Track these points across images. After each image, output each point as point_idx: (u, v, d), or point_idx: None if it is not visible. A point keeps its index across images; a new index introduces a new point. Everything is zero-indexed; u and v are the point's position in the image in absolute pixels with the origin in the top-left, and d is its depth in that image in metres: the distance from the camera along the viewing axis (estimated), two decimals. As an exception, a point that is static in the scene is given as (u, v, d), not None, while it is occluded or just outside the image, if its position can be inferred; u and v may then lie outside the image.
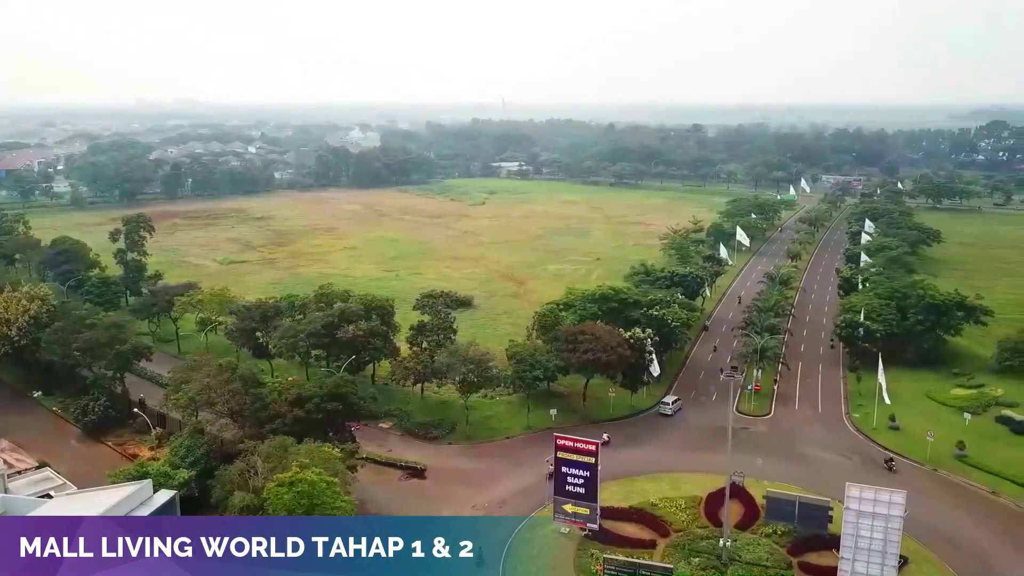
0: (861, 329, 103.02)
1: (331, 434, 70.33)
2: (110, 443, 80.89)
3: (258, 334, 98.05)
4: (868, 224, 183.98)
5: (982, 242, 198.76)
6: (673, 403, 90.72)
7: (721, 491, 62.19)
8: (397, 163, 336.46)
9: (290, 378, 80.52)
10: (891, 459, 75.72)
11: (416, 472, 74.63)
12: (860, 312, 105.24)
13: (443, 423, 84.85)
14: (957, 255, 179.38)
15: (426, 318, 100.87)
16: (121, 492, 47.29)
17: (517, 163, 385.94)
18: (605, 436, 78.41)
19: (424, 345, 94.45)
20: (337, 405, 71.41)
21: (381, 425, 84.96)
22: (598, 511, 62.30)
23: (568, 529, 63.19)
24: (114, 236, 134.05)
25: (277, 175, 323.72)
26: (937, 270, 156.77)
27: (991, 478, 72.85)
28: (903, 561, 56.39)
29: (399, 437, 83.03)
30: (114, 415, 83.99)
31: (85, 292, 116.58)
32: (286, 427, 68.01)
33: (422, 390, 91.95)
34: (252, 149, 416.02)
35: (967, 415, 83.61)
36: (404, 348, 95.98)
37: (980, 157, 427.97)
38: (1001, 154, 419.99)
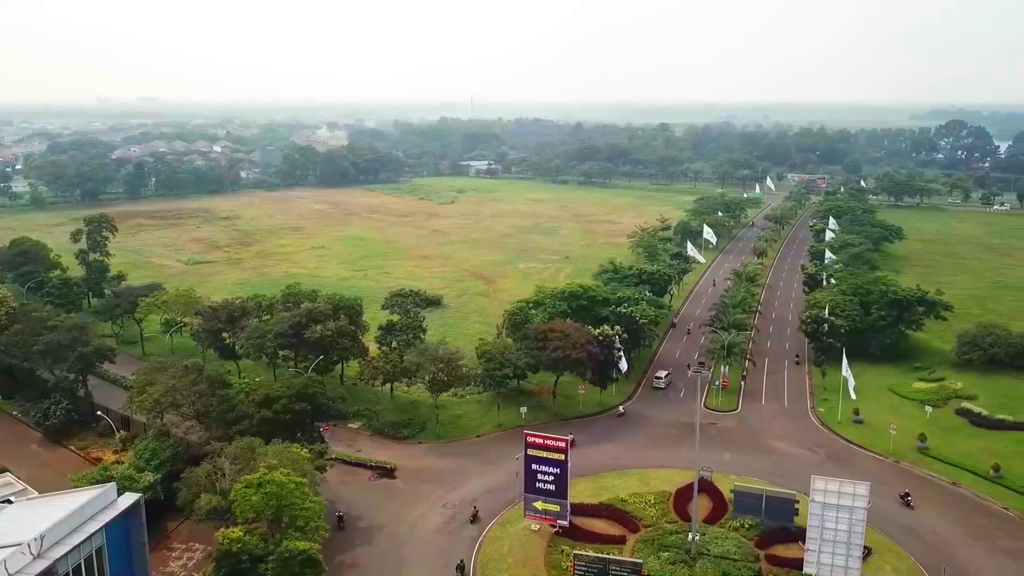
0: (826, 324, 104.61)
1: (299, 435, 69.71)
2: (72, 447, 79.31)
3: (225, 335, 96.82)
4: (832, 221, 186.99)
5: (942, 239, 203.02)
6: (665, 376, 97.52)
7: (690, 486, 62.74)
8: (365, 162, 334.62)
9: (257, 379, 79.70)
10: (907, 493, 68.83)
11: (386, 472, 74.27)
12: (825, 308, 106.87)
13: (413, 422, 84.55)
14: (918, 251, 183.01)
15: (395, 317, 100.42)
16: (84, 496, 46.40)
17: (486, 162, 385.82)
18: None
19: (393, 344, 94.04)
20: (305, 405, 70.84)
21: (350, 425, 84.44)
22: (568, 508, 62.54)
23: (538, 526, 63.35)
24: (75, 237, 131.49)
25: (243, 174, 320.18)
26: (899, 266, 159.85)
27: (951, 469, 74.41)
28: (867, 551, 57.37)
29: (369, 437, 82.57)
30: (76, 418, 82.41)
31: (46, 294, 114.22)
32: (253, 428, 67.30)
33: (391, 390, 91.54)
34: (217, 148, 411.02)
35: (928, 408, 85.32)
36: (373, 348, 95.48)
37: (939, 156, 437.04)
38: (960, 153, 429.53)
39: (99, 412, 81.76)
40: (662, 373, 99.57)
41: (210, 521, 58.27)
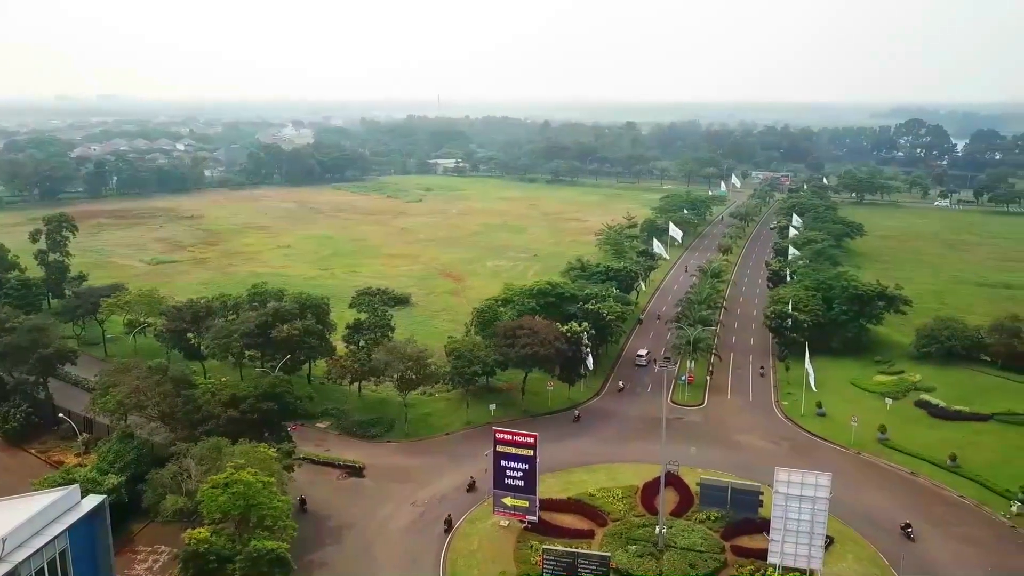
0: (789, 320, 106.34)
1: (267, 434, 69.30)
2: (33, 451, 77.90)
3: (190, 335, 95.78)
4: (795, 218, 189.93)
5: (901, 235, 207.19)
6: (647, 354, 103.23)
7: (657, 480, 63.57)
8: (331, 160, 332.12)
9: (223, 379, 78.95)
10: (908, 524, 63.75)
11: (354, 471, 74.08)
12: (788, 303, 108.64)
13: (381, 421, 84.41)
14: (878, 247, 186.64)
15: (363, 316, 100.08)
16: (46, 499, 45.68)
17: (454, 160, 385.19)
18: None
19: (361, 343, 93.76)
20: (272, 405, 70.42)
21: (318, 425, 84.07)
22: (537, 503, 62.99)
23: (508, 522, 63.72)
24: (34, 236, 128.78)
25: (208, 173, 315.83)
26: (860, 262, 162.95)
27: (910, 459, 76.26)
28: (829, 541, 58.59)
29: (337, 436, 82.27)
30: (37, 421, 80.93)
31: (4, 295, 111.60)
32: (220, 428, 66.75)
33: (359, 389, 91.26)
34: (180, 146, 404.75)
35: (888, 400, 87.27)
36: (340, 347, 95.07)
37: (899, 154, 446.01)
38: (919, 151, 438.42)
39: (61, 415, 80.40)
40: (643, 351, 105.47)
41: (176, 523, 57.78)
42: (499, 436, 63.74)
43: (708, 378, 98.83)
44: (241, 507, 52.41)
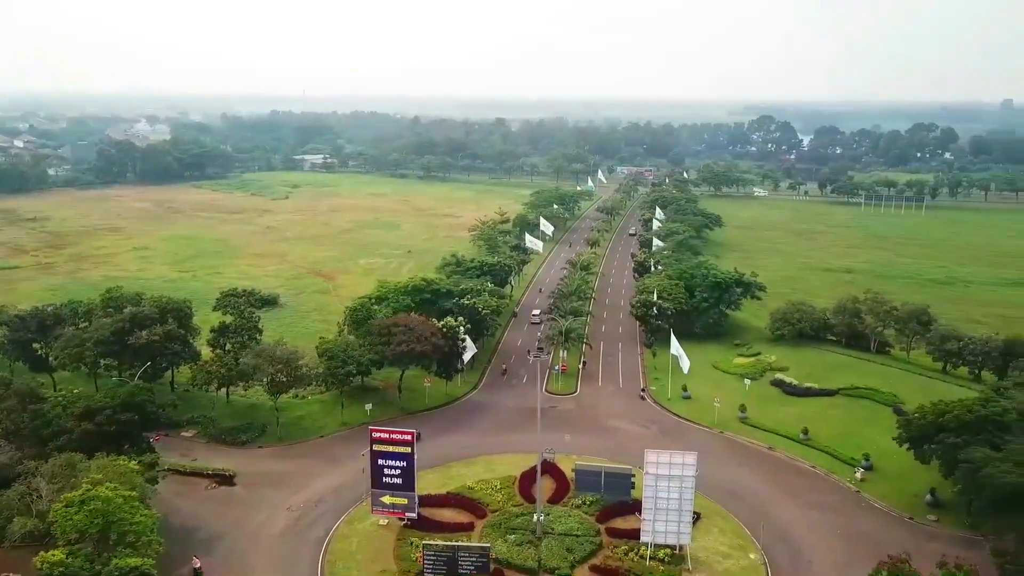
0: (655, 308, 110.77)
1: (127, 447, 65.40)
2: None
3: (36, 345, 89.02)
4: (658, 211, 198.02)
5: (756, 225, 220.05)
6: (540, 313, 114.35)
7: (533, 469, 64.76)
8: (191, 157, 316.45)
9: (76, 390, 73.90)
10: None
11: (225, 479, 71.21)
12: (653, 292, 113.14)
13: (252, 426, 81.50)
14: (735, 237, 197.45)
15: (228, 319, 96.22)
16: None
17: (322, 156, 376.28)
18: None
19: (227, 347, 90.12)
20: (132, 416, 66.63)
21: (184, 434, 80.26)
22: (416, 500, 62.78)
23: (387, 521, 63.16)
24: None
25: (51, 172, 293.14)
26: (719, 251, 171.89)
27: (768, 435, 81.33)
28: (696, 516, 61.64)
29: (204, 444, 78.75)
30: None
31: None
32: (74, 443, 62.51)
33: (227, 394, 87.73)
34: (19, 143, 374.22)
35: (747, 381, 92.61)
36: (206, 351, 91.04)
37: (753, 148, 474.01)
38: (770, 146, 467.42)
39: None
40: (536, 311, 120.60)
41: (26, 547, 53.65)
42: (376, 435, 63.07)
43: (580, 367, 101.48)
44: (100, 524, 49.33)
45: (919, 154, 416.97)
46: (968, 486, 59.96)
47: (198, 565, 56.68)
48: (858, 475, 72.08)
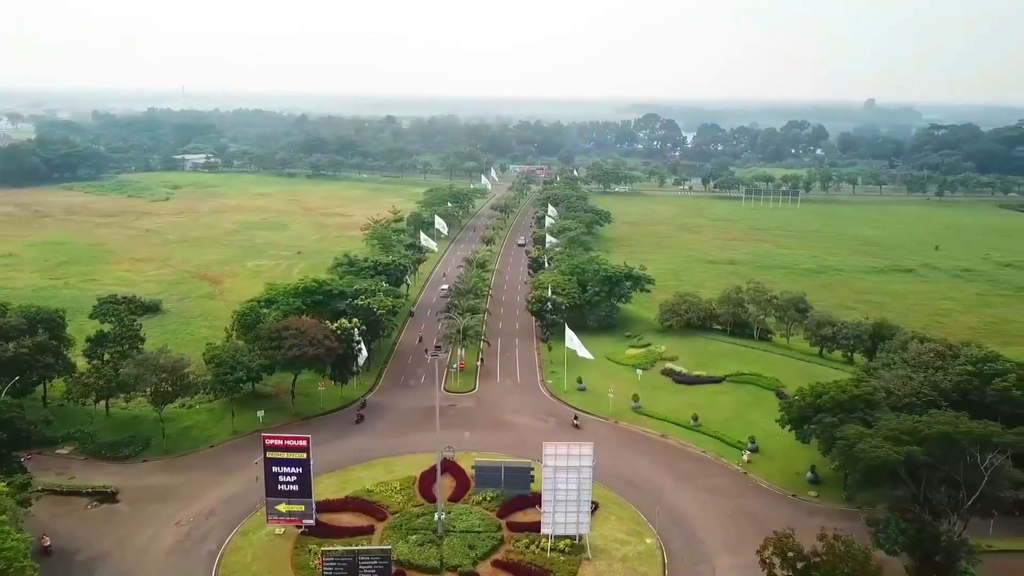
0: (549, 303, 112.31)
1: (-6, 468, 60.90)
2: None
3: None
4: (551, 209, 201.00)
5: (643, 220, 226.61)
6: (448, 288, 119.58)
7: (433, 468, 64.44)
8: (60, 157, 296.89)
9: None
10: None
11: (107, 496, 67.35)
12: (548, 288, 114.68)
13: (135, 440, 77.42)
14: (624, 233, 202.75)
15: (107, 327, 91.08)
16: None
17: (204, 155, 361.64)
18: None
19: (106, 357, 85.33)
20: (0, 434, 62.01)
21: (59, 451, 75.49)
22: (313, 506, 61.32)
23: (283, 529, 61.41)
24: None
25: None
26: (609, 247, 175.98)
27: (661, 423, 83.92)
28: (594, 506, 62.89)
29: (83, 461, 74.27)
30: None
31: None
32: (-68, 468, 57.66)
33: (107, 407, 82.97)
34: None
35: (639, 371, 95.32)
36: (82, 363, 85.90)
37: (639, 146, 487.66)
38: (655, 143, 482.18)
39: None
40: (444, 286, 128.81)
41: None
42: (268, 442, 61.16)
43: (479, 364, 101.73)
44: (-35, 554, 45.72)
45: (793, 150, 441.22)
46: (844, 462, 63.67)
47: (47, 543, 57.21)
48: (745, 457, 75.40)
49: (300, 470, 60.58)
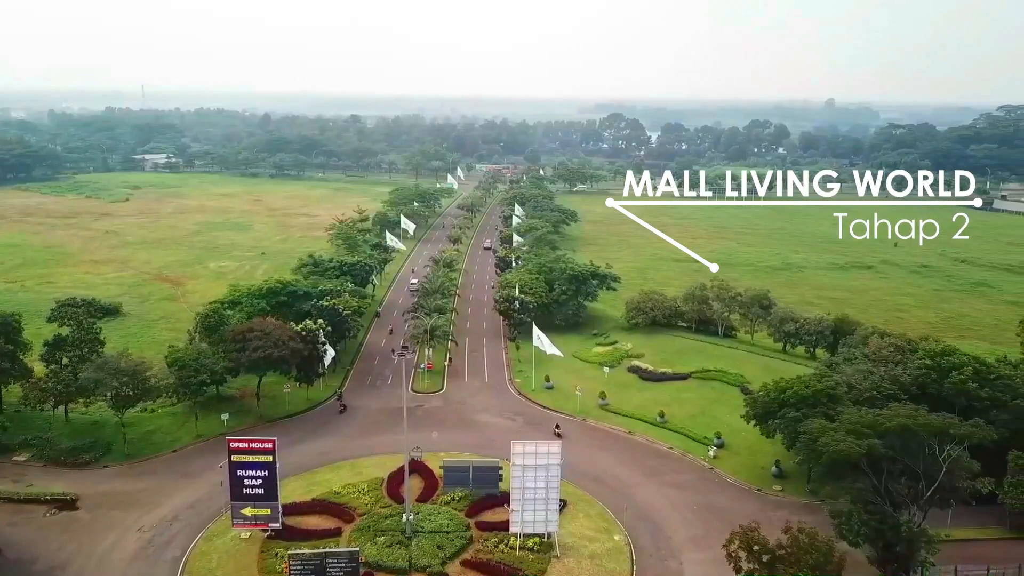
0: (517, 302, 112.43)
1: (-52, 477, 59.30)
2: None
3: None
4: (517, 208, 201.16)
5: (609, 220, 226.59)
6: (418, 282, 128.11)
7: (401, 469, 64.15)
8: (14, 157, 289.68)
9: None
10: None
11: (66, 504, 65.91)
12: (515, 287, 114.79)
13: (95, 445, 75.83)
14: (590, 232, 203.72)
15: (65, 331, 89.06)
16: None
17: (164, 155, 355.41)
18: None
19: (64, 361, 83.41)
20: (-47, 442, 60.37)
21: (16, 458, 73.68)
22: (280, 509, 60.65)
23: (249, 533, 60.65)
24: None
25: None
26: (575, 246, 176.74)
27: (628, 420, 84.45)
28: (563, 504, 63.14)
29: (40, 468, 72.50)
30: None
31: None
32: None
33: (66, 412, 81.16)
34: None
35: (606, 369, 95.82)
36: (39, 367, 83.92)
37: (604, 145, 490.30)
38: (620, 142, 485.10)
39: None
40: (415, 280, 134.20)
41: None
42: (233, 445, 60.36)
43: (447, 364, 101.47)
44: (-83, 565, 44.43)
45: (756, 149, 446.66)
46: (807, 456, 64.67)
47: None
48: (711, 453, 76.21)
49: (266, 473, 59.88)
